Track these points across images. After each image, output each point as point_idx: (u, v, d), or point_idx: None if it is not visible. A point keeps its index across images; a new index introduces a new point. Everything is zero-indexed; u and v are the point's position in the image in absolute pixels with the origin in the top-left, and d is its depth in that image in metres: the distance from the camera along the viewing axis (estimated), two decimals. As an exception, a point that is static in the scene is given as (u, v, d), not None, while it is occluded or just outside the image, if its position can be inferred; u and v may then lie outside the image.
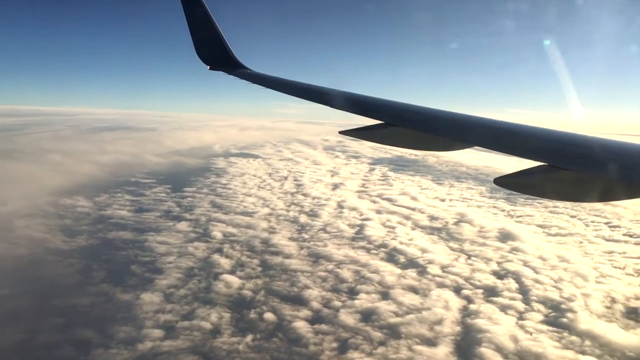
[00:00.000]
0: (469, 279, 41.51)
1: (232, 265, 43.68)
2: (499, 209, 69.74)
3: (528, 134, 5.51)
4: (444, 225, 59.93)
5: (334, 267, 43.73)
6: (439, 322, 33.52)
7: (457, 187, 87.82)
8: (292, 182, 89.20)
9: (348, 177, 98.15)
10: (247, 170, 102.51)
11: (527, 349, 29.92)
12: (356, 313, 34.78)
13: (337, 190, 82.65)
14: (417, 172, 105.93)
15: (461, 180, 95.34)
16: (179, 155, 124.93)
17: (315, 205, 69.16)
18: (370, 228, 57.07)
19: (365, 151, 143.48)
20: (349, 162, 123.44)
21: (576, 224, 60.36)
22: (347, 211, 65.92)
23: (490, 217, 64.58)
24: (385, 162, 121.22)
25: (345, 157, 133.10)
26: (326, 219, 61.18)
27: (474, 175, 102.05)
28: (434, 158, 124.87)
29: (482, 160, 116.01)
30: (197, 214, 62.47)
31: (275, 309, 35.18)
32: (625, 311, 35.55)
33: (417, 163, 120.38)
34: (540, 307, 36.04)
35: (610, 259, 46.80)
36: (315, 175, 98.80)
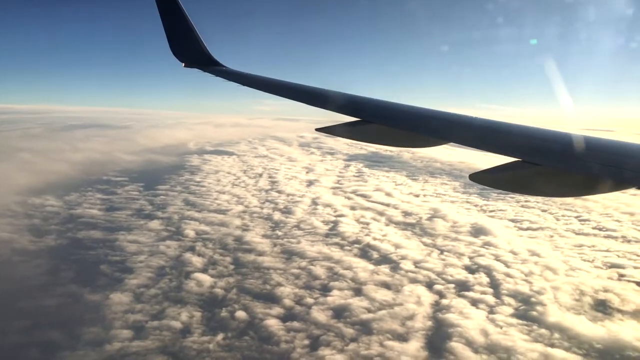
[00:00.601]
0: (441, 274, 41.72)
1: (204, 264, 43.25)
2: (472, 204, 70.31)
3: (502, 130, 5.53)
4: (417, 220, 60.20)
5: (307, 264, 43.57)
6: (411, 318, 33.61)
7: (431, 183, 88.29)
8: (266, 179, 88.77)
9: (323, 173, 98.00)
10: (222, 168, 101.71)
11: (497, 342, 30.14)
12: (328, 310, 34.69)
13: (312, 187, 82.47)
14: (392, 168, 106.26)
15: (435, 176, 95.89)
16: (153, 153, 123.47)
17: (290, 202, 68.90)
18: (344, 224, 57.03)
19: (340, 147, 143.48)
20: (325, 159, 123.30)
21: (547, 218, 61.13)
22: (322, 208, 65.80)
23: (463, 212, 65.04)
24: (361, 159, 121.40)
25: (321, 154, 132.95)
26: (300, 216, 60.99)
27: (448, 170, 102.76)
28: (409, 154, 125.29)
29: (456, 156, 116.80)
30: (170, 212, 61.75)
31: (247, 307, 34.90)
32: (594, 303, 36.07)
33: (392, 159, 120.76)
34: (510, 300, 36.37)
35: (580, 252, 47.47)
36: (290, 172, 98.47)
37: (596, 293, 37.60)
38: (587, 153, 4.71)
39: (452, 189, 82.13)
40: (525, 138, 5.29)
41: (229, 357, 28.62)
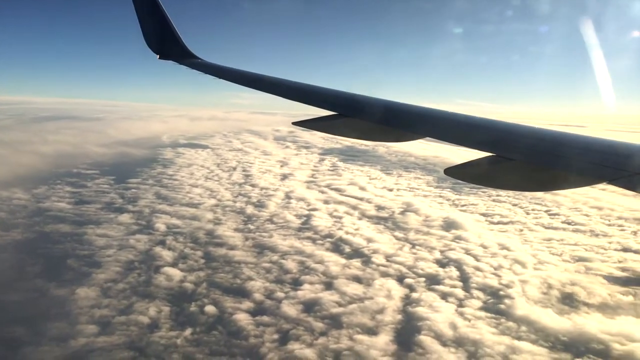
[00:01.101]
0: (412, 267, 41.90)
1: (174, 258, 42.76)
2: (444, 198, 70.82)
3: (477, 125, 5.65)
4: (390, 214, 60.40)
5: (278, 258, 43.37)
6: (381, 311, 33.67)
7: (405, 177, 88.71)
8: (240, 173, 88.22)
9: (297, 167, 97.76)
10: (195, 161, 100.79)
11: (465, 335, 30.36)
12: (299, 304, 34.57)
13: (286, 180, 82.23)
14: (367, 162, 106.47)
15: (409, 170, 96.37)
16: (125, 146, 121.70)
17: (263, 196, 68.58)
18: (317, 218, 56.94)
19: (316, 141, 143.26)
20: (300, 153, 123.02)
21: (517, 212, 61.87)
22: (295, 201, 65.61)
23: (435, 206, 65.49)
24: (336, 153, 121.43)
25: (296, 148, 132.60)
26: (273, 210, 60.72)
27: (422, 165, 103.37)
28: (383, 148, 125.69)
29: (431, 150, 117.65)
30: (141, 206, 60.95)
31: (217, 302, 34.60)
32: (561, 297, 36.57)
33: (367, 153, 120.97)
34: (479, 294, 36.69)
35: (549, 246, 48.13)
36: (264, 165, 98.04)
37: (563, 286, 38.13)
38: (560, 148, 4.82)
39: (425, 184, 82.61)
40: (499, 133, 5.36)
41: (197, 352, 28.31)
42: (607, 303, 35.50)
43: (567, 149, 4.82)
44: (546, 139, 5.11)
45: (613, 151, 4.72)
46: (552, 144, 4.98)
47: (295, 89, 7.47)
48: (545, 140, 5.09)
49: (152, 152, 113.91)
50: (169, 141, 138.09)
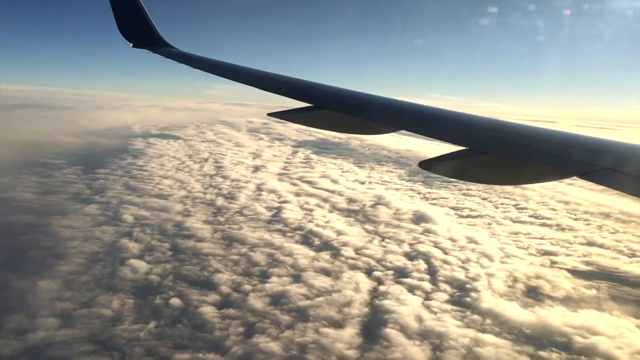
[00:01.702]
0: (381, 260, 41.96)
1: (140, 250, 42.08)
2: (415, 191, 71.21)
3: (451, 119, 5.69)
4: (361, 207, 60.46)
5: (247, 251, 43.03)
6: (348, 304, 33.62)
7: (377, 170, 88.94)
8: (212, 164, 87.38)
9: (270, 159, 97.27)
10: (166, 152, 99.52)
11: (431, 328, 30.49)
12: (266, 297, 34.31)
13: (258, 172, 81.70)
14: (340, 155, 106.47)
15: (382, 164, 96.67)
16: (95, 136, 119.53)
17: (234, 188, 68.00)
18: (288, 211, 56.67)
19: (290, 134, 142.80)
20: (273, 145, 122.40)
21: (487, 206, 62.50)
22: (266, 194, 65.22)
23: (406, 199, 65.78)
24: (309, 145, 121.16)
25: (269, 140, 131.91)
26: (244, 202, 60.26)
27: (394, 158, 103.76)
28: (357, 141, 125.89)
29: (404, 144, 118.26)
30: (109, 197, 59.94)
31: (183, 294, 34.14)
32: (526, 290, 37.03)
33: (341, 146, 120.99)
34: (446, 287, 36.92)
35: (516, 240, 48.72)
36: (236, 157, 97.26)
37: (528, 280, 38.62)
38: (532, 143, 4.89)
39: (397, 177, 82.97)
40: (473, 127, 5.45)
41: (160, 345, 27.87)
42: (570, 296, 36.07)
43: (540, 143, 4.87)
44: (519, 134, 5.18)
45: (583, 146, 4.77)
46: (524, 138, 5.05)
47: (270, 80, 7.42)
48: (518, 134, 5.17)
49: (122, 142, 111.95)
50: (141, 131, 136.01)
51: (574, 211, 60.34)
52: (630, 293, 36.60)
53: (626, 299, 35.66)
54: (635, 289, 37.34)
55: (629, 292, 36.89)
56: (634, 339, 29.45)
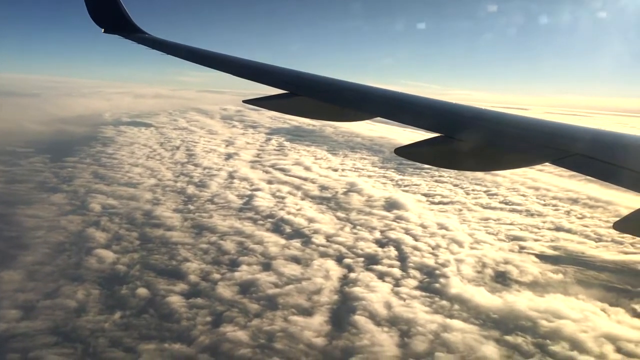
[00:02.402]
0: (352, 247, 41.91)
1: (107, 239, 41.33)
2: (388, 178, 71.37)
3: (427, 106, 5.74)
4: (333, 195, 60.38)
5: (217, 239, 42.58)
6: (318, 292, 33.48)
7: (350, 158, 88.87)
8: (183, 152, 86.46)
9: (243, 147, 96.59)
10: (137, 140, 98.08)
11: (399, 315, 30.53)
12: (235, 285, 33.98)
13: (230, 160, 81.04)
14: (314, 142, 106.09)
15: (355, 151, 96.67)
16: (64, 123, 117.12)
17: (205, 176, 67.32)
18: (260, 198, 56.29)
19: (264, 121, 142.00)
20: (246, 132, 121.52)
21: (458, 192, 62.91)
22: (238, 181, 64.71)
23: (379, 186, 65.88)
24: (283, 132, 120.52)
25: (243, 127, 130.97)
26: (215, 190, 59.67)
27: (368, 145, 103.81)
28: (331, 128, 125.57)
29: (377, 131, 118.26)
30: (76, 186, 58.80)
31: (150, 284, 33.60)
32: (494, 275, 37.35)
33: (314, 133, 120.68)
34: (416, 273, 37.01)
35: (486, 226, 49.13)
36: (209, 145, 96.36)
37: (497, 265, 38.95)
38: (505, 130, 4.99)
39: (370, 164, 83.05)
40: (448, 114, 5.51)
41: (125, 336, 27.39)
42: (537, 281, 36.50)
43: (513, 130, 4.98)
44: (493, 121, 5.22)
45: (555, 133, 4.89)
46: (498, 125, 5.09)
47: (245, 66, 7.36)
48: (492, 121, 5.21)
49: (92, 130, 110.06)
50: (111, 119, 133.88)
51: (543, 197, 61.13)
52: (595, 277, 37.18)
53: (591, 283, 36.22)
54: (600, 273, 37.94)
55: (595, 276, 37.47)
56: (597, 322, 29.88)
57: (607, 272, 38.04)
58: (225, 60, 7.66)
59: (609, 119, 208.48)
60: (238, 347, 26.58)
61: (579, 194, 61.09)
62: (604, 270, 38.41)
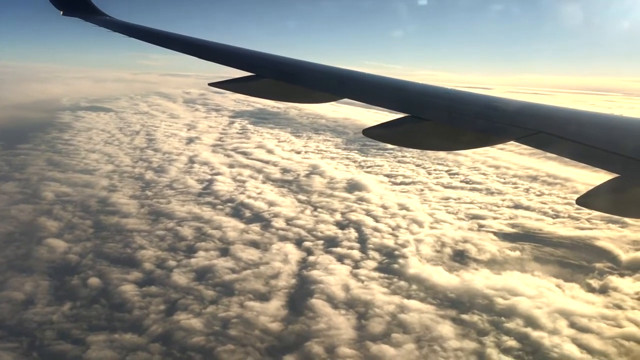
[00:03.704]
0: (312, 230, 41.51)
1: (60, 228, 40.03)
2: (351, 160, 71.12)
3: (393, 87, 5.79)
4: (295, 177, 59.81)
5: (174, 225, 41.66)
6: (276, 276, 33.02)
7: (314, 140, 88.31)
8: (143, 137, 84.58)
9: (205, 130, 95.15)
10: (96, 125, 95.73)
11: (357, 297, 30.29)
12: (191, 272, 33.25)
13: (192, 144, 79.69)
14: (278, 124, 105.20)
15: (319, 133, 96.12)
16: (19, 109, 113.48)
17: (165, 161, 65.99)
18: (220, 183, 55.40)
19: (227, 104, 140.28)
20: (209, 116, 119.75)
21: (420, 172, 63.05)
22: (198, 166, 63.62)
23: (341, 168, 65.59)
24: (247, 115, 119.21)
25: (206, 110, 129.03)
26: (174, 175, 58.47)
27: (332, 127, 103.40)
28: (295, 111, 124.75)
29: (342, 113, 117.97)
30: (29, 173, 56.88)
31: (102, 273, 32.61)
32: (453, 254, 37.46)
33: (278, 116, 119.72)
34: (375, 254, 36.82)
35: (446, 205, 49.27)
36: (170, 129, 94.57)
37: (456, 244, 39.07)
38: (470, 109, 5.05)
39: (334, 146, 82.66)
40: (415, 94, 5.56)
41: (74, 327, 26.51)
42: (495, 259, 36.75)
43: (479, 109, 5.02)
44: (458, 100, 5.32)
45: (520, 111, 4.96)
46: (464, 105, 5.19)
47: (209, 48, 7.21)
48: (458, 101, 5.30)
49: (49, 115, 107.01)
50: (69, 104, 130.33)
51: (504, 175, 61.70)
52: (552, 253, 37.61)
53: (548, 260, 36.64)
54: (556, 249, 38.40)
55: (551, 252, 37.92)
56: (552, 298, 30.21)
57: (563, 248, 38.55)
58: (189, 43, 7.47)
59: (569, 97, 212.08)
60: (191, 335, 25.97)
61: (539, 172, 61.85)
62: (560, 247, 38.91)
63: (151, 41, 7.57)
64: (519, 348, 25.43)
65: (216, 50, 7.11)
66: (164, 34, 7.84)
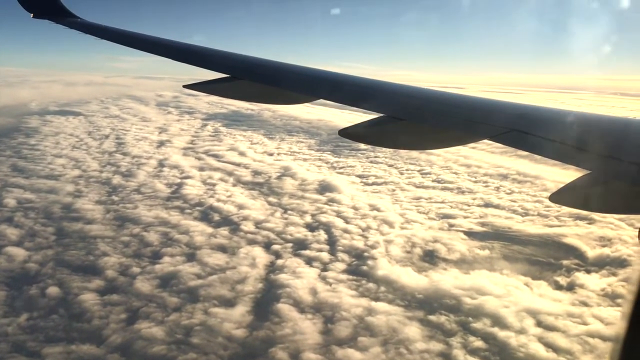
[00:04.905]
0: (281, 233, 40.94)
1: (20, 236, 38.82)
2: (324, 161, 70.71)
3: (369, 87, 5.80)
4: (266, 180, 59.16)
5: (140, 231, 40.73)
6: (242, 281, 32.37)
7: (287, 141, 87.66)
8: (113, 141, 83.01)
9: (177, 134, 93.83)
10: (64, 129, 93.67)
11: (324, 300, 29.82)
12: (155, 279, 32.42)
13: (162, 148, 78.41)
14: (251, 126, 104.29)
15: (293, 134, 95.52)
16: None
17: (134, 165, 64.74)
18: (189, 187, 54.48)
19: (200, 106, 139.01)
20: (182, 118, 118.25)
21: (392, 172, 62.88)
22: (168, 170, 62.53)
23: (313, 169, 65.09)
24: (220, 118, 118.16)
25: (179, 113, 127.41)
26: (142, 179, 57.36)
27: (306, 128, 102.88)
28: (269, 112, 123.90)
29: (315, 114, 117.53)
30: (-9, 180, 55.21)
31: (62, 282, 31.62)
32: (422, 254, 37.22)
33: (252, 118, 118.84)
34: (344, 256, 36.39)
35: (417, 205, 49.09)
36: (141, 132, 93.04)
37: (426, 244, 38.84)
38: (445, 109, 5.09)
39: (307, 147, 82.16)
40: (391, 95, 5.60)
41: (30, 339, 25.55)
42: (464, 258, 36.62)
43: (453, 109, 5.06)
44: (433, 100, 5.37)
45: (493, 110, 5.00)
46: (438, 104, 5.23)
47: (183, 50, 7.16)
48: (432, 101, 5.36)
49: (16, 120, 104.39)
50: (38, 108, 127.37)
51: (475, 174, 61.86)
52: (520, 252, 37.62)
53: (516, 258, 36.64)
54: (525, 247, 38.43)
55: (520, 250, 37.93)
56: (520, 296, 30.11)
57: (531, 246, 38.59)
58: (162, 44, 7.40)
59: (540, 95, 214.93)
60: (152, 344, 25.21)
61: (509, 170, 62.21)
62: (529, 244, 38.95)
63: (123, 43, 7.46)
64: (486, 348, 25.22)
65: (190, 52, 7.05)
66: (136, 36, 7.74)
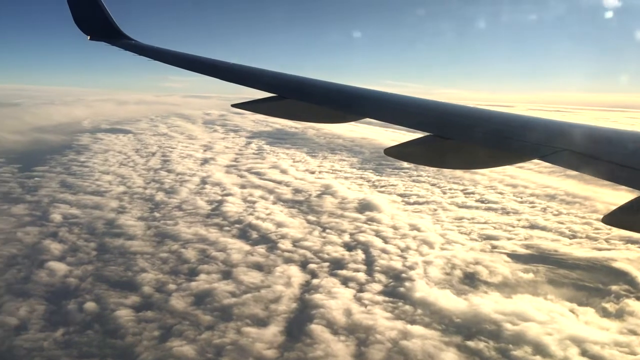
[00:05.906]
0: (318, 252, 40.46)
1: (63, 251, 39.65)
2: (365, 179, 70.06)
3: (415, 105, 5.73)
4: (306, 198, 58.89)
5: (178, 247, 41.01)
6: (276, 300, 32.00)
7: (329, 159, 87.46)
8: (159, 158, 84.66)
9: (221, 151, 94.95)
10: (113, 147, 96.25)
11: (359, 322, 29.09)
12: (190, 296, 32.43)
13: (206, 165, 79.42)
14: (294, 145, 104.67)
15: (336, 153, 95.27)
16: (41, 132, 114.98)
17: (177, 182, 65.68)
18: (230, 204, 54.75)
19: (246, 124, 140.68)
20: (227, 136, 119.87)
21: (435, 192, 61.59)
22: (210, 187, 63.11)
23: (354, 188, 64.48)
24: (264, 136, 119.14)
25: (224, 131, 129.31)
26: (184, 196, 58.04)
27: (349, 147, 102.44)
28: (313, 130, 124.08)
29: (359, 132, 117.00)
30: (40, 195, 56.95)
31: (100, 298, 31.98)
32: (462, 277, 36.01)
33: (296, 136, 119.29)
34: (381, 277, 35.59)
35: (459, 225, 47.79)
36: (186, 150, 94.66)
37: (466, 266, 37.61)
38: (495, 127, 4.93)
39: (349, 165, 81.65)
40: (437, 113, 5.49)
41: (64, 355, 25.81)
42: (507, 282, 35.23)
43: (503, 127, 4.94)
44: (482, 119, 5.26)
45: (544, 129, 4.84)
46: (487, 123, 5.09)
47: (231, 70, 7.30)
48: (482, 119, 5.24)
49: (68, 138, 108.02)
50: (90, 126, 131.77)
51: (521, 194, 59.93)
52: (566, 276, 35.93)
53: (562, 282, 35.00)
54: (572, 271, 36.71)
55: (566, 274, 36.23)
56: (564, 323, 28.62)
57: (579, 270, 36.83)
58: (211, 64, 7.60)
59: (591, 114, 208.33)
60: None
61: (557, 190, 59.95)
62: (576, 268, 37.18)
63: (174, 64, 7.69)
64: (526, 378, 23.92)
65: (238, 72, 7.19)
66: (186, 57, 8.05)
